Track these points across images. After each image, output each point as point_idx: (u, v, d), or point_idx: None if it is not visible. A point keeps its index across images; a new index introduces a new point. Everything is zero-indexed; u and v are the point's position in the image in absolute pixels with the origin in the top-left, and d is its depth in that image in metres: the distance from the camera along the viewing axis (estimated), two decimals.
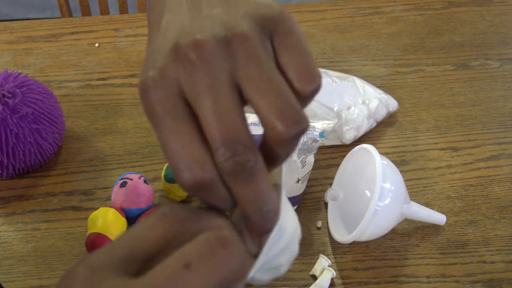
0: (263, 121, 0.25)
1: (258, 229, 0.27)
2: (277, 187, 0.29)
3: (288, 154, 0.26)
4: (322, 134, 0.60)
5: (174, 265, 0.23)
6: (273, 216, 0.27)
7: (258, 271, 0.27)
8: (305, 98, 0.26)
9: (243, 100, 0.26)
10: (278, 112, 0.24)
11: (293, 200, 0.65)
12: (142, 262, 0.24)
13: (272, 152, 0.26)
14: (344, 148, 0.72)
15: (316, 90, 0.26)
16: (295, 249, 0.29)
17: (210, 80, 0.25)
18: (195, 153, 0.25)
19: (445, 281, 0.61)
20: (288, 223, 0.28)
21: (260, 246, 0.27)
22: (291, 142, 0.25)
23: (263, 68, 0.25)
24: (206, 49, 0.25)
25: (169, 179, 0.65)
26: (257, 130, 0.59)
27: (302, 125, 0.25)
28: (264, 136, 0.26)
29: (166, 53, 0.26)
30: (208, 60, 0.25)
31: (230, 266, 0.24)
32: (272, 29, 0.26)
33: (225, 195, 0.26)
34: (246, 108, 0.26)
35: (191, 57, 0.25)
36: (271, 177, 0.27)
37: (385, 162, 0.59)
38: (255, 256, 0.27)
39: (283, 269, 0.29)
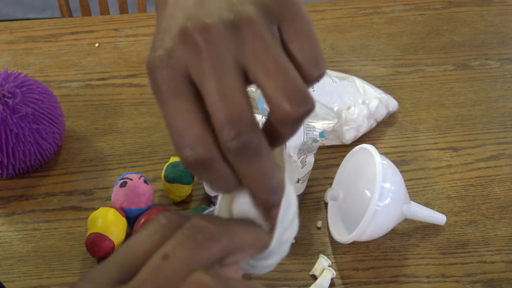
0: (269, 102, 0.26)
1: (265, 203, 0.28)
2: (278, 167, 0.30)
3: (291, 134, 0.27)
4: (322, 134, 0.60)
5: (155, 260, 0.24)
6: (278, 189, 0.28)
7: (275, 246, 0.28)
8: (309, 82, 0.27)
9: (247, 82, 0.26)
10: (285, 93, 0.25)
11: None
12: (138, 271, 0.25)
13: (275, 132, 0.27)
14: (344, 148, 0.72)
15: (321, 75, 0.27)
16: (297, 223, 0.31)
17: (215, 62, 0.25)
18: (197, 131, 0.26)
19: (445, 281, 0.61)
20: (292, 197, 0.30)
21: (270, 220, 0.29)
22: (296, 122, 0.26)
23: (270, 50, 0.26)
24: (213, 33, 0.25)
25: (169, 179, 0.65)
26: None
27: (309, 106, 0.25)
28: (268, 116, 0.27)
29: (174, 34, 0.26)
30: (215, 43, 0.25)
31: (206, 249, 0.25)
32: (280, 13, 0.27)
33: (225, 174, 0.27)
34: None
35: (198, 40, 0.25)
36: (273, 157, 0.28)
37: (385, 162, 0.59)
38: (271, 230, 0.28)
39: (287, 246, 0.30)
